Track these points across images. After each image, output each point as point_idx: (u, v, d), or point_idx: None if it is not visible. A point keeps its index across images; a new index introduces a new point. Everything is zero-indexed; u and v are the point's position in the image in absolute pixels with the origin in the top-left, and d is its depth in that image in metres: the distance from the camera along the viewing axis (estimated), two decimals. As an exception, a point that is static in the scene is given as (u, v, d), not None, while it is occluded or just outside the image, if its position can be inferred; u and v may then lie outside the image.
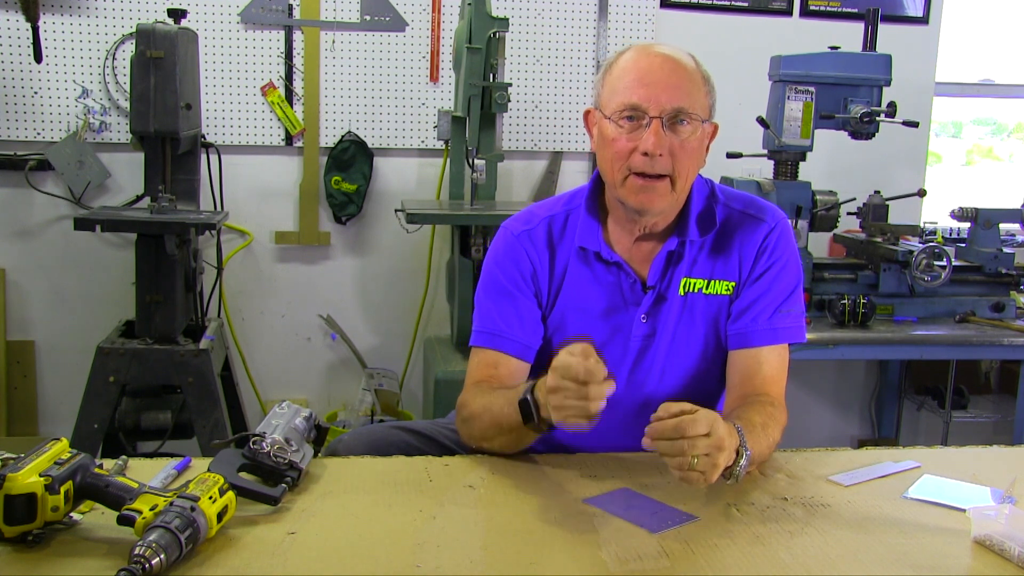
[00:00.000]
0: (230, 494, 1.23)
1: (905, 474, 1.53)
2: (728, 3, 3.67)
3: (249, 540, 1.22)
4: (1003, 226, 3.22)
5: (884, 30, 3.16)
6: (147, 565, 1.08)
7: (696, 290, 1.62)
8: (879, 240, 3.16)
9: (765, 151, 3.14)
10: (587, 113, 1.63)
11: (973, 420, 3.72)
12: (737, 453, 1.35)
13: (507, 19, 3.08)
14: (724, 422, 1.31)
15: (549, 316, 1.65)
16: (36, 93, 3.27)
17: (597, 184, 1.67)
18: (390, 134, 3.52)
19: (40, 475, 1.16)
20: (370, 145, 3.48)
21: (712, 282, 1.62)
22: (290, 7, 3.37)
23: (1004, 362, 3.82)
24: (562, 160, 3.65)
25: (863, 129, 3.04)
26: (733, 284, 1.61)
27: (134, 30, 2.77)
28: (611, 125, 1.52)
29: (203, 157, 3.14)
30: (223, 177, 3.27)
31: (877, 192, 3.30)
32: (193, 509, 1.15)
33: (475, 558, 1.19)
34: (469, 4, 3.05)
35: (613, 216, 1.64)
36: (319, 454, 1.54)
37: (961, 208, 3.16)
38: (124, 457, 1.46)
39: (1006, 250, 3.15)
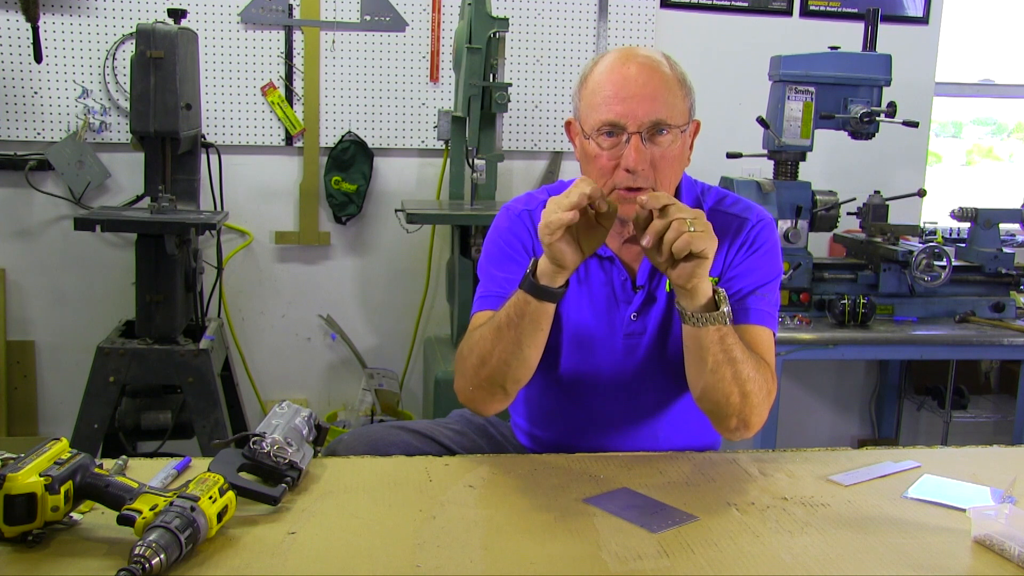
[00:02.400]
0: (230, 494, 1.23)
1: (905, 474, 1.53)
2: (728, 3, 3.67)
3: (249, 540, 1.22)
4: (1003, 226, 3.21)
5: (884, 30, 3.16)
6: (147, 565, 1.08)
7: None
8: (879, 240, 3.16)
9: (765, 151, 3.14)
10: (568, 124, 1.62)
11: (973, 420, 3.72)
12: (716, 290, 1.44)
13: (507, 19, 3.08)
14: None
15: None
16: (36, 93, 3.27)
17: None
18: (390, 134, 3.52)
19: (40, 475, 1.16)
20: (370, 145, 3.49)
21: None
22: (290, 7, 3.37)
23: (1004, 362, 3.82)
24: (562, 160, 3.65)
25: (863, 129, 3.04)
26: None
27: (134, 30, 2.77)
28: (591, 143, 1.51)
29: (203, 157, 3.14)
30: (223, 177, 3.27)
31: (877, 192, 3.30)
32: (193, 509, 1.15)
33: (475, 558, 1.19)
34: (469, 4, 3.05)
35: None
36: (319, 454, 1.54)
37: (961, 208, 3.16)
38: (124, 457, 1.46)
39: (1006, 250, 3.14)
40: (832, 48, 3.06)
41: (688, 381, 1.54)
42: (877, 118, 3.01)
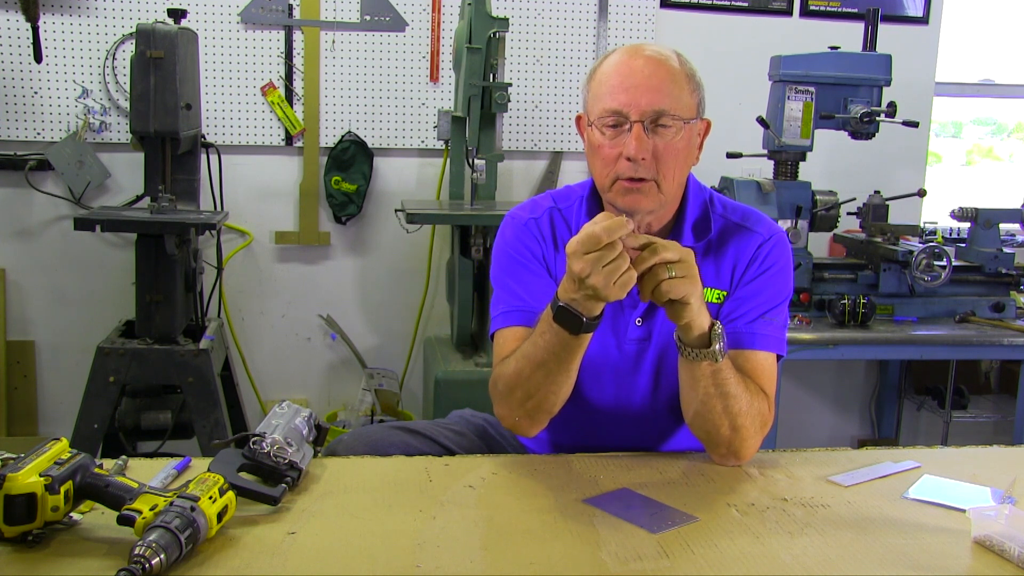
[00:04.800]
0: (230, 494, 1.23)
1: (905, 474, 1.53)
2: (728, 3, 3.67)
3: (249, 540, 1.22)
4: (1003, 226, 3.21)
5: (884, 30, 3.16)
6: (147, 565, 1.08)
7: None
8: (879, 240, 3.16)
9: (765, 151, 3.14)
10: (578, 119, 1.63)
11: (973, 420, 3.73)
12: (713, 325, 1.42)
13: (507, 19, 3.08)
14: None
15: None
16: (36, 93, 3.27)
17: (595, 186, 1.66)
18: (390, 134, 3.52)
19: (40, 475, 1.16)
20: (370, 145, 3.49)
21: (705, 290, 1.60)
22: (290, 7, 3.37)
23: (1004, 362, 3.82)
24: (562, 160, 3.65)
25: (863, 129, 3.04)
26: (724, 293, 1.60)
27: (134, 30, 2.78)
28: (596, 132, 1.51)
29: (203, 157, 3.14)
30: (223, 177, 3.27)
31: (877, 192, 3.30)
32: (193, 509, 1.15)
33: (475, 558, 1.19)
34: (469, 4, 3.05)
35: None
36: (319, 454, 1.54)
37: (961, 208, 3.16)
38: (124, 457, 1.46)
39: (1006, 250, 3.15)
40: (832, 48, 3.06)
41: (681, 405, 1.54)
42: (877, 118, 3.01)
